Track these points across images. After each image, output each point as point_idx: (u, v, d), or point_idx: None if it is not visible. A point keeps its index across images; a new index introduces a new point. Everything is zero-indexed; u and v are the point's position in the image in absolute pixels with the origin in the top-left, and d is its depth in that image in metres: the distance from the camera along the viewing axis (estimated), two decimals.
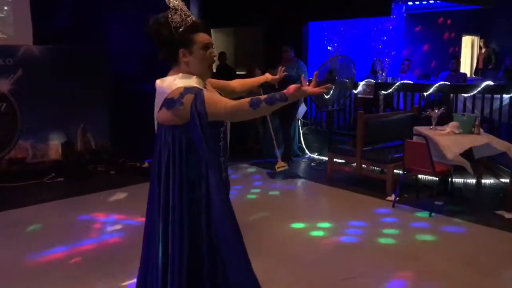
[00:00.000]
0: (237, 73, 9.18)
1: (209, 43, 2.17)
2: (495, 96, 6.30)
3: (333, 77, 6.75)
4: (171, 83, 2.10)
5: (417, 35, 10.42)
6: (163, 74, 2.29)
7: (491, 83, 6.53)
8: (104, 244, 4.05)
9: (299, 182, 6.20)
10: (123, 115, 6.79)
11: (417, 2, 9.03)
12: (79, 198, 5.32)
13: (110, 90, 6.71)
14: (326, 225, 4.48)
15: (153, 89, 2.27)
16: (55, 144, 6.25)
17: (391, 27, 8.03)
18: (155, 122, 2.23)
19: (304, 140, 7.52)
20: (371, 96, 7.01)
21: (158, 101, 2.14)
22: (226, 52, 9.27)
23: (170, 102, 2.04)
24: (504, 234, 4.20)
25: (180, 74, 2.13)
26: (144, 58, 6.71)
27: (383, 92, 6.95)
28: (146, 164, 6.40)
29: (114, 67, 6.71)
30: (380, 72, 8.08)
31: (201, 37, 2.14)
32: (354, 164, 5.83)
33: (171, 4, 2.10)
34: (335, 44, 8.21)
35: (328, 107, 7.09)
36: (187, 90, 2.02)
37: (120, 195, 5.48)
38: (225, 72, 8.94)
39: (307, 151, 7.43)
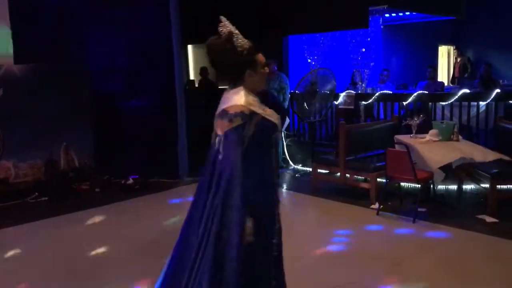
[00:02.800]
0: (219, 87, 9.25)
1: (265, 62, 2.40)
2: (472, 103, 6.47)
3: (314, 89, 6.86)
4: (232, 97, 2.27)
5: (395, 46, 10.65)
6: (145, 91, 2.36)
7: (467, 91, 6.71)
8: (92, 260, 4.03)
9: (285, 193, 6.25)
10: (106, 132, 6.78)
11: (393, 14, 9.24)
12: (64, 217, 5.27)
13: (92, 108, 6.70)
14: (312, 234, 4.53)
15: (135, 106, 2.33)
16: (38, 163, 6.19)
17: (369, 39, 8.21)
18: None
19: (287, 152, 7.59)
20: (352, 107, 7.13)
21: (216, 121, 2.30)
22: (208, 67, 9.33)
23: (223, 114, 2.23)
24: (486, 238, 4.30)
25: (241, 92, 2.28)
26: (125, 75, 6.75)
27: (363, 102, 7.07)
28: (130, 181, 6.38)
29: (96, 84, 6.72)
30: (360, 83, 8.22)
31: (261, 57, 2.37)
32: (338, 174, 5.91)
33: (230, 29, 2.31)
34: (315, 57, 8.34)
35: (310, 118, 7.19)
36: (241, 115, 2.19)
37: (105, 212, 5.46)
38: (207, 87, 9.00)
39: (291, 163, 7.49)
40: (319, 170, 6.22)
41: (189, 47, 9.98)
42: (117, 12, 6.61)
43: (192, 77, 10.01)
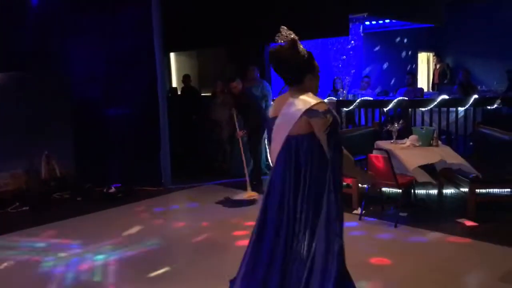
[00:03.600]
0: (202, 94, 9.27)
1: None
2: (451, 109, 6.60)
3: None
4: (303, 101, 2.48)
5: (375, 54, 10.80)
6: (127, 98, 2.38)
7: (446, 97, 6.84)
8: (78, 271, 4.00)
9: None
10: (88, 141, 6.74)
11: (373, 22, 9.37)
12: (45, 227, 5.21)
13: (74, 116, 6.66)
14: None
15: (117, 113, 2.36)
16: (19, 172, 6.12)
17: (349, 46, 8.32)
18: (279, 138, 2.56)
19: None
20: None
21: (287, 119, 2.51)
22: (190, 74, 9.35)
23: (314, 113, 2.43)
24: (466, 241, 4.38)
25: (310, 93, 2.52)
26: (107, 82, 6.72)
27: (344, 109, 7.15)
28: (112, 189, 6.34)
29: (77, 92, 6.68)
30: (341, 90, 8.31)
31: (316, 63, 2.63)
32: None
33: (293, 36, 2.52)
34: None
35: None
36: (327, 109, 2.45)
37: (87, 221, 5.41)
38: (190, 94, 9.02)
39: None
40: None
41: (172, 54, 9.98)
42: (99, 20, 6.60)
43: (174, 84, 10.01)
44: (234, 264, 4.00)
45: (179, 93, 9.55)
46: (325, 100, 7.25)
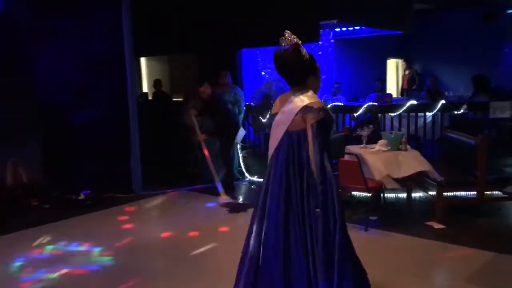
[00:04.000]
0: (174, 100, 9.21)
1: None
2: (419, 114, 6.74)
3: (269, 101, 6.95)
4: (302, 100, 2.68)
5: (346, 60, 10.94)
6: (97, 104, 2.35)
7: (415, 102, 6.99)
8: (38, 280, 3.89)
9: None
10: (57, 147, 6.60)
11: (344, 29, 9.50)
12: (12, 235, 5.06)
13: (42, 122, 6.51)
14: None
15: (86, 119, 2.32)
16: None
17: (320, 52, 8.40)
18: (278, 133, 2.74)
19: (243, 164, 7.62)
20: None
21: (285, 116, 2.71)
22: (162, 79, 9.28)
23: (309, 109, 2.63)
24: (434, 243, 4.47)
25: (308, 93, 2.72)
26: (76, 88, 6.59)
27: None
28: (82, 196, 6.22)
29: (45, 98, 6.54)
30: None
31: (317, 65, 2.84)
32: None
33: (296, 40, 2.71)
34: (269, 70, 8.45)
35: (265, 130, 7.25)
36: (321, 107, 2.65)
37: (55, 229, 5.28)
38: (161, 99, 8.95)
39: (247, 174, 7.52)
40: None
41: (142, 59, 9.88)
42: (67, 24, 6.47)
43: (145, 89, 9.91)
44: (207, 270, 3.99)
45: (150, 98, 9.46)
46: None
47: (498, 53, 12.18)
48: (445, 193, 5.14)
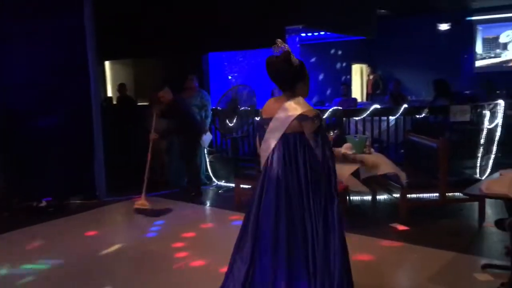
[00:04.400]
0: (139, 104, 9.09)
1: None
2: (383, 118, 6.88)
3: (236, 106, 6.94)
4: (296, 107, 2.84)
5: (312, 65, 11.07)
6: (59, 108, 2.29)
7: (378, 106, 7.12)
8: None
9: (208, 210, 6.23)
10: (17, 152, 6.39)
11: (309, 34, 9.61)
12: None
13: (2, 126, 6.30)
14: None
15: (48, 124, 2.26)
16: None
17: None
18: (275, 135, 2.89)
19: (211, 168, 7.58)
20: None
21: (281, 122, 2.86)
22: (126, 84, 9.14)
23: (305, 118, 2.80)
24: (398, 244, 4.55)
25: (299, 99, 2.88)
26: (37, 92, 6.40)
27: None
28: (43, 203, 6.04)
29: (6, 101, 6.33)
30: None
31: (307, 71, 2.97)
32: None
33: (287, 48, 2.86)
34: (235, 74, 8.45)
35: (232, 134, 7.25)
36: (316, 115, 2.84)
37: (13, 238, 5.11)
38: (126, 104, 8.81)
39: (214, 179, 7.49)
40: (242, 186, 6.27)
41: (107, 63, 9.71)
42: (28, 27, 6.29)
43: (110, 94, 9.74)
44: (173, 277, 3.94)
45: (114, 102, 9.30)
46: None
47: (458, 59, 12.61)
48: (408, 195, 5.26)
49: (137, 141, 8.00)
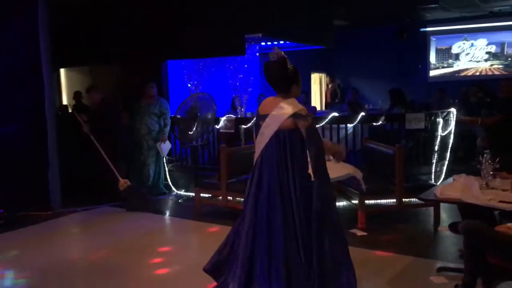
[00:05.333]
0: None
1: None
2: (341, 126, 6.99)
3: (195, 114, 6.89)
4: (290, 106, 3.18)
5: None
6: (11, 116, 2.19)
7: (337, 114, 7.24)
8: None
9: (167, 219, 6.13)
10: None
11: (269, 43, 9.68)
12: None
13: None
14: (195, 260, 4.47)
15: (1, 132, 2.14)
16: None
17: (246, 65, 8.49)
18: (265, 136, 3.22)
19: (170, 177, 7.47)
20: (233, 131, 7.27)
21: (277, 119, 3.19)
22: (83, 91, 8.90)
23: (299, 116, 3.14)
24: (357, 250, 4.58)
25: (292, 100, 3.24)
26: None
27: (243, 126, 7.26)
28: None
29: None
30: (240, 108, 8.44)
31: (299, 75, 3.31)
32: (220, 197, 5.95)
33: (283, 54, 3.21)
34: (195, 82, 8.40)
35: (192, 142, 7.18)
36: (309, 114, 3.21)
37: None
38: (82, 112, 8.55)
39: (173, 188, 7.38)
40: (202, 194, 6.21)
41: (62, 70, 9.44)
42: None
43: (65, 101, 9.46)
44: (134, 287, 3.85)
45: (69, 110, 9.03)
46: (224, 118, 7.33)
47: (413, 68, 13.01)
48: (366, 201, 5.34)
49: (95, 150, 7.81)
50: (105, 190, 7.00)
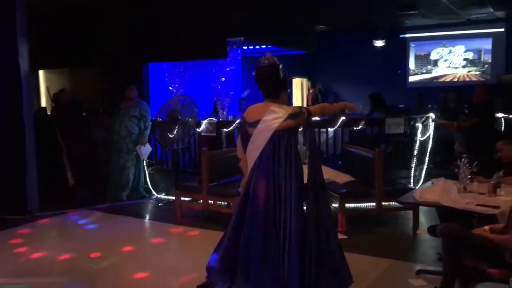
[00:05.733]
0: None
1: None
2: (322, 130, 7.03)
3: (176, 117, 6.86)
4: (283, 109, 3.24)
5: (254, 77, 11.16)
6: None
7: (318, 118, 7.27)
8: None
9: (147, 223, 6.07)
10: None
11: (251, 47, 9.71)
12: None
13: None
14: (176, 263, 4.44)
15: None
16: None
17: (228, 69, 8.49)
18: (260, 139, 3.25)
19: (150, 181, 7.40)
20: (214, 134, 7.25)
21: (270, 124, 3.21)
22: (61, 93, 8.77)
23: (295, 114, 3.22)
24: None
25: (281, 104, 3.28)
26: None
27: (224, 129, 7.25)
28: None
29: None
30: (221, 111, 8.43)
31: (288, 82, 3.41)
32: (201, 200, 5.92)
33: (275, 59, 3.29)
34: (176, 85, 8.36)
35: (173, 146, 7.14)
36: (301, 108, 3.34)
37: None
38: (61, 115, 8.43)
39: (154, 192, 7.31)
40: (182, 198, 6.16)
41: (41, 72, 9.31)
42: None
43: (44, 104, 9.32)
44: None
45: (48, 113, 8.89)
46: (206, 121, 7.32)
47: (392, 74, 13.19)
48: (346, 205, 5.38)
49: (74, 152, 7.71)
50: (85, 193, 6.94)
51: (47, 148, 7.02)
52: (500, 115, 8.32)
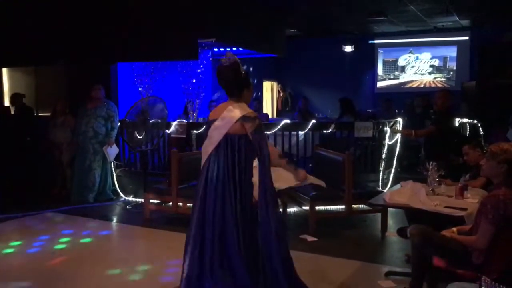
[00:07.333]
0: (40, 114, 8.51)
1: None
2: (292, 133, 7.06)
3: (145, 118, 6.74)
4: (239, 110, 3.22)
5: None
6: None
7: (289, 121, 7.31)
8: None
9: (114, 226, 5.93)
10: None
11: (222, 49, 9.65)
12: None
13: None
14: (144, 267, 4.34)
15: None
16: None
17: (199, 70, 8.41)
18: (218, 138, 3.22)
19: (118, 183, 7.25)
20: (184, 136, 7.17)
21: (226, 122, 3.21)
22: (27, 93, 8.51)
23: (247, 119, 3.18)
24: (307, 255, 4.63)
25: (243, 104, 3.29)
26: None
27: (195, 131, 7.18)
28: None
29: None
30: (192, 113, 8.34)
31: (251, 80, 3.42)
32: (170, 203, 5.83)
33: (236, 59, 3.23)
34: (146, 85, 8.23)
35: (141, 147, 7.01)
36: (256, 117, 3.25)
37: None
38: (24, 114, 8.18)
39: (121, 194, 7.16)
40: (151, 200, 6.06)
41: (4, 70, 9.01)
42: None
43: (7, 103, 9.02)
44: None
45: (12, 112, 8.61)
46: (175, 122, 7.23)
47: (361, 79, 13.39)
48: (317, 207, 5.40)
49: (36, 154, 7.49)
50: (48, 196, 6.73)
51: (9, 148, 6.79)
52: (464, 120, 8.54)
